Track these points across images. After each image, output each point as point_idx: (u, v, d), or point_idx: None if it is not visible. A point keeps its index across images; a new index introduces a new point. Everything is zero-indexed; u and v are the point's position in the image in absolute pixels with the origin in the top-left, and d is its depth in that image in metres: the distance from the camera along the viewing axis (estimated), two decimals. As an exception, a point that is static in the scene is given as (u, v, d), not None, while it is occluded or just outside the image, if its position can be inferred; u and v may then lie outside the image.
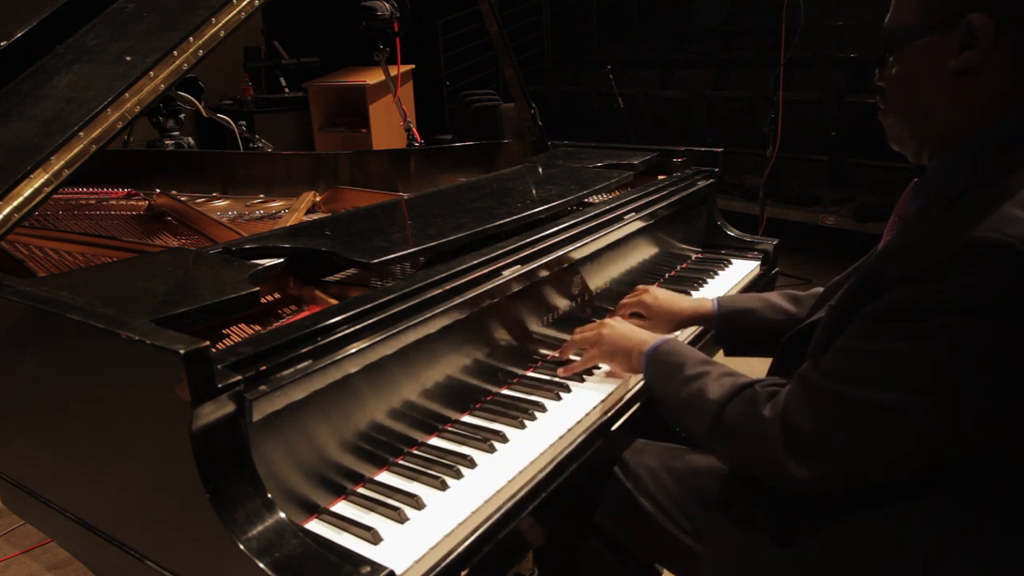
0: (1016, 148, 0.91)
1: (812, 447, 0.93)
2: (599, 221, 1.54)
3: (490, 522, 1.00)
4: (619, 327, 1.33)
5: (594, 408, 1.24)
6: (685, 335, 1.57)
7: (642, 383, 1.32)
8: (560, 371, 1.34)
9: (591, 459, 1.19)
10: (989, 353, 0.83)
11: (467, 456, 1.08)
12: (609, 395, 1.28)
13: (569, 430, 1.18)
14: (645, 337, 1.29)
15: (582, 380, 1.33)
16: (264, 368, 0.90)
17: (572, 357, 1.39)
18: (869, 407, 0.88)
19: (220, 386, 0.81)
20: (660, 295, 1.51)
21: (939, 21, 0.93)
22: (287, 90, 6.53)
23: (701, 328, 1.58)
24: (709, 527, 1.14)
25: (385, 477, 1.06)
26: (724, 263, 1.97)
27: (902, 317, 0.86)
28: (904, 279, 0.86)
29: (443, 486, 1.02)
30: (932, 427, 0.87)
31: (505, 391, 1.30)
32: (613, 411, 1.29)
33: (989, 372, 0.84)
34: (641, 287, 1.55)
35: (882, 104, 1.04)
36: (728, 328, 1.47)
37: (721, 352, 1.54)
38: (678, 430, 1.25)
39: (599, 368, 1.36)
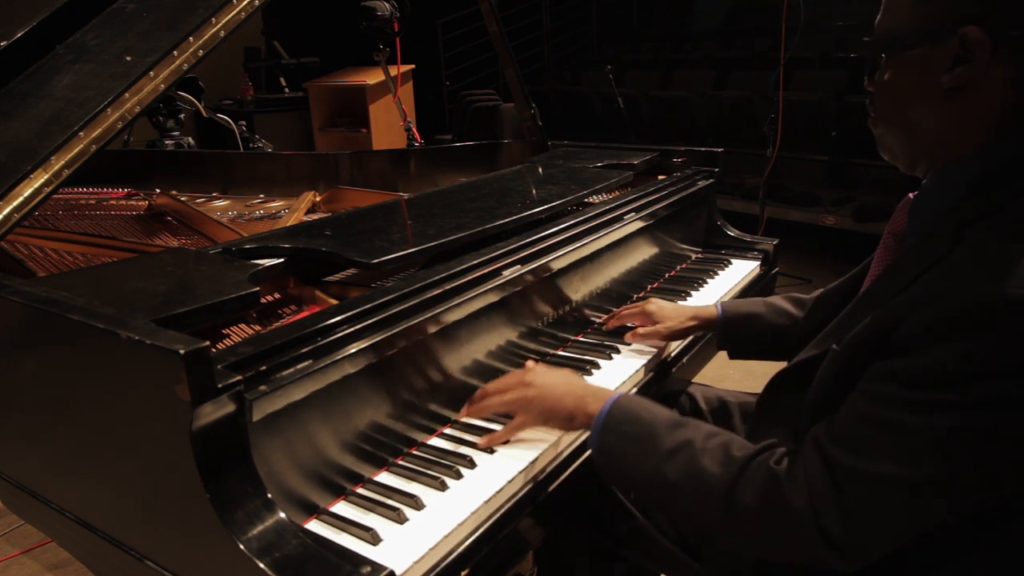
0: (1019, 174, 0.86)
1: (850, 539, 0.84)
2: (599, 221, 1.54)
3: (490, 523, 1.01)
4: (547, 383, 1.13)
5: (594, 408, 1.24)
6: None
7: (642, 383, 1.31)
8: (480, 441, 1.11)
9: (591, 460, 1.19)
10: (1021, 415, 0.77)
11: (467, 457, 1.08)
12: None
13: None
14: (583, 393, 1.10)
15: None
16: (264, 368, 0.90)
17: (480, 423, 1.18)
18: (905, 485, 0.81)
19: (220, 386, 0.81)
20: (663, 304, 1.50)
21: (932, 31, 0.88)
22: (287, 90, 6.53)
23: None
24: (705, 542, 1.13)
25: (385, 478, 1.06)
26: (724, 263, 1.97)
27: (930, 387, 0.79)
28: (923, 340, 0.80)
29: (443, 487, 1.02)
30: (971, 494, 0.83)
31: (505, 391, 1.30)
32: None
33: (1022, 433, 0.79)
34: (643, 301, 1.52)
35: (872, 112, 0.99)
36: (732, 332, 1.44)
37: (724, 354, 1.53)
38: (642, 503, 1.15)
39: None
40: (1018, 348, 0.76)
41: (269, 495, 0.85)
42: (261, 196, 2.22)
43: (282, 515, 0.84)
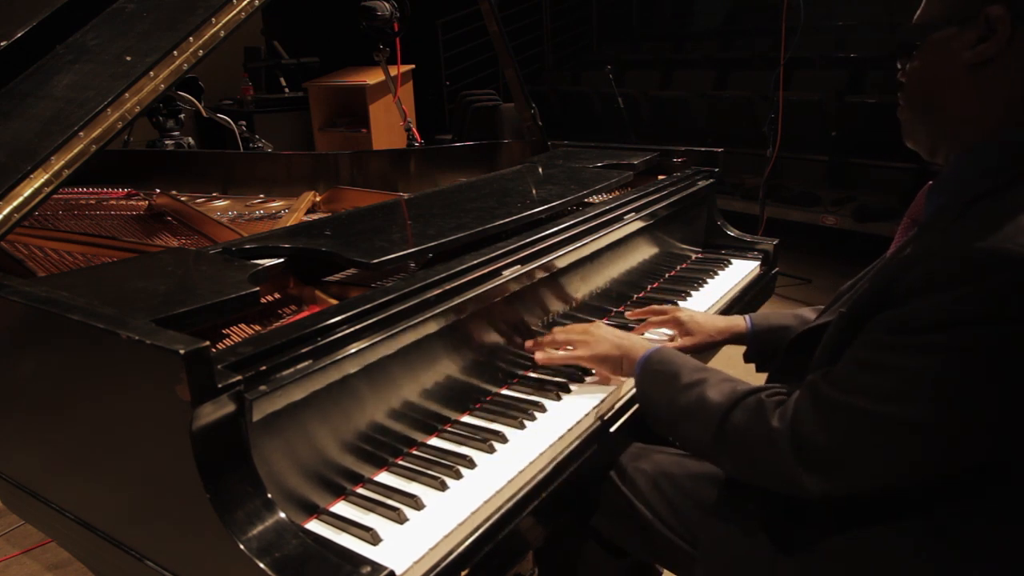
0: None
1: (823, 458, 0.92)
2: (599, 221, 1.54)
3: (490, 522, 1.01)
4: (606, 332, 1.32)
5: (594, 408, 1.24)
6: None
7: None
8: (539, 356, 1.33)
9: (590, 460, 1.19)
10: (1002, 365, 0.81)
11: (467, 456, 1.08)
12: (610, 395, 1.28)
13: (569, 430, 1.18)
14: (635, 343, 1.28)
15: (582, 380, 1.32)
16: (264, 368, 0.90)
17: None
18: (881, 420, 0.87)
19: (220, 386, 0.81)
20: (695, 314, 1.52)
21: (960, 14, 0.92)
22: (287, 90, 6.53)
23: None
24: (707, 534, 1.13)
25: (384, 477, 1.06)
26: (724, 263, 1.97)
27: (916, 331, 0.84)
28: (917, 290, 0.85)
29: (442, 486, 1.02)
30: (944, 440, 0.86)
31: (505, 391, 1.30)
32: (613, 411, 1.29)
33: (1002, 384, 0.82)
34: (670, 306, 1.56)
35: (901, 100, 1.03)
36: (762, 346, 1.46)
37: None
38: (673, 440, 1.23)
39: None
40: (1006, 298, 0.79)
41: (269, 495, 0.85)
42: (261, 196, 2.22)
43: (282, 515, 0.84)
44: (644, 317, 1.57)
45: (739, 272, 1.93)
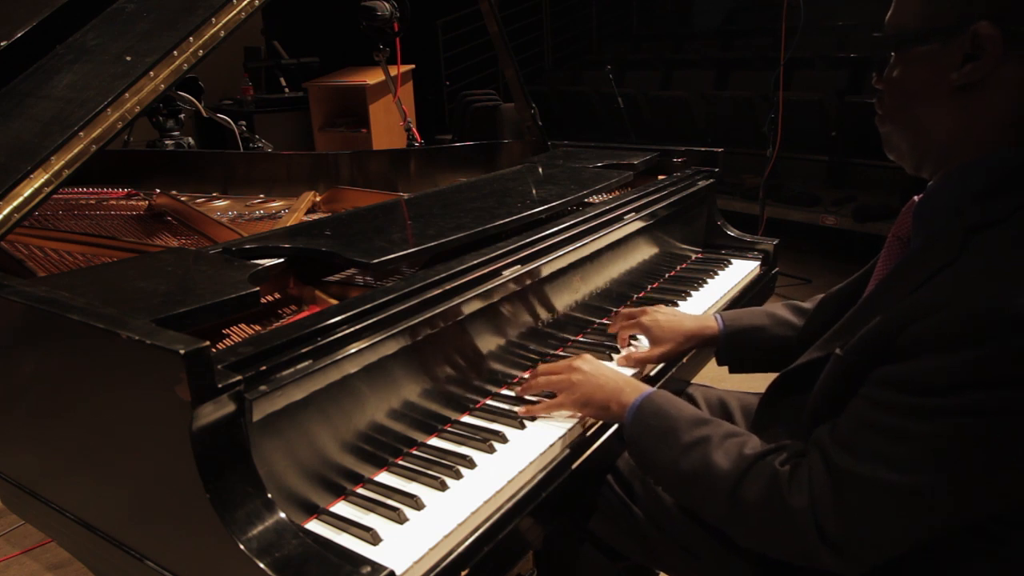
0: None
1: (847, 541, 0.86)
2: (599, 221, 1.54)
3: (490, 523, 1.01)
4: (591, 371, 1.20)
5: (594, 408, 1.24)
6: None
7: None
8: (520, 410, 1.21)
9: (589, 461, 1.19)
10: (1019, 427, 0.77)
11: (467, 457, 1.08)
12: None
13: (569, 430, 1.18)
14: (622, 384, 1.16)
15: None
16: (264, 368, 0.90)
17: (530, 398, 1.26)
18: (901, 493, 0.82)
19: (220, 386, 0.81)
20: (660, 317, 1.41)
21: (943, 27, 0.86)
22: (287, 90, 6.52)
23: None
24: (704, 542, 1.13)
25: (384, 478, 1.06)
26: (724, 263, 1.97)
27: (927, 393, 0.80)
28: (925, 347, 0.80)
29: (443, 487, 1.02)
30: (968, 503, 0.83)
31: (505, 392, 1.30)
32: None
33: (1020, 445, 0.78)
34: (638, 309, 1.46)
35: (880, 110, 0.97)
36: (735, 347, 1.39)
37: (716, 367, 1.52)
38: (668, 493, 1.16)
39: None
40: (1020, 359, 0.75)
41: (269, 495, 0.85)
42: (261, 196, 2.22)
43: (282, 515, 0.84)
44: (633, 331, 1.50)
45: (739, 272, 1.93)
